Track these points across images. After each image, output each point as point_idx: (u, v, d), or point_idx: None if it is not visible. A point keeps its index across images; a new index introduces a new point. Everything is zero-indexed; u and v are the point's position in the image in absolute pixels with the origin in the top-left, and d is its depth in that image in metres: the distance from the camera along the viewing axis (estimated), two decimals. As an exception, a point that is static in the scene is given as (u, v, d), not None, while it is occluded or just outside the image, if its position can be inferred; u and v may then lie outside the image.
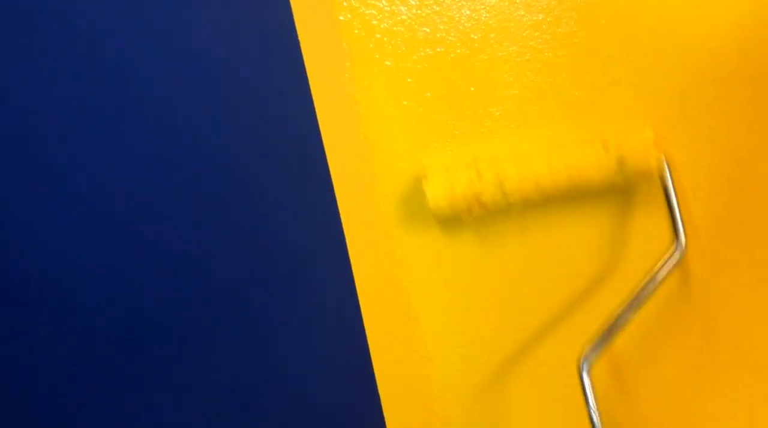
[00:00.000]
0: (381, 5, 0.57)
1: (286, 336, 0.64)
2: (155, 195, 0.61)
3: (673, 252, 0.52)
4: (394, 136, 0.59)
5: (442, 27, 0.56)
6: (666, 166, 0.52)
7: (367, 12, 0.57)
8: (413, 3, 0.56)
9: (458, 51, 0.56)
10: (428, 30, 0.56)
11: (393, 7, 0.56)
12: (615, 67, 0.54)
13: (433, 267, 0.61)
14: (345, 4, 0.57)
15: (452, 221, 0.59)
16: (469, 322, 0.61)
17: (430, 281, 0.61)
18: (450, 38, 0.56)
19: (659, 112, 0.54)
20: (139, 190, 0.61)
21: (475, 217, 0.58)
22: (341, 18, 0.57)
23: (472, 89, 0.57)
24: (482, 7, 0.55)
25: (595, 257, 0.57)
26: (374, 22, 0.57)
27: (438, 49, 0.56)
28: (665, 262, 0.52)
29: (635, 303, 0.51)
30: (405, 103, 0.58)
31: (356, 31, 0.57)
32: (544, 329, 0.60)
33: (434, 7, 0.56)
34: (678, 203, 0.52)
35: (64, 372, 0.65)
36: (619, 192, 0.55)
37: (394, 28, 0.57)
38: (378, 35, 0.57)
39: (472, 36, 0.56)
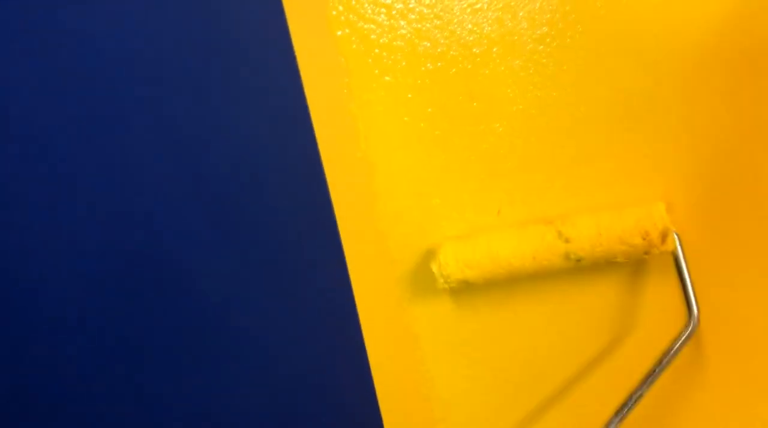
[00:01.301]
0: (380, 20, 0.55)
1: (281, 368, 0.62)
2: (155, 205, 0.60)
3: (686, 329, 0.51)
4: (394, 153, 0.57)
5: (443, 41, 0.55)
6: (677, 240, 0.50)
7: (365, 27, 0.55)
8: (413, 17, 0.55)
9: (460, 65, 0.55)
10: (429, 44, 0.55)
11: (392, 22, 0.55)
12: (621, 80, 0.52)
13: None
14: (342, 18, 0.55)
15: (462, 289, 0.58)
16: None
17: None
18: (451, 53, 0.55)
19: (667, 129, 0.52)
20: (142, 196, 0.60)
21: (484, 285, 0.56)
22: (339, 33, 0.55)
23: (475, 104, 0.55)
24: (484, 20, 0.54)
25: (607, 326, 0.56)
26: (373, 36, 0.55)
27: (439, 64, 0.55)
28: (678, 339, 0.50)
29: (649, 379, 0.50)
30: (405, 119, 0.56)
31: (354, 46, 0.56)
32: (554, 397, 0.58)
33: (435, 21, 0.54)
34: (690, 277, 0.50)
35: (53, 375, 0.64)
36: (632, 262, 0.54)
37: (394, 43, 0.55)
38: (377, 50, 0.55)
39: (474, 50, 0.54)
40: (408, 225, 0.59)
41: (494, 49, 0.54)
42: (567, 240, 0.52)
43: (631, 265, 0.54)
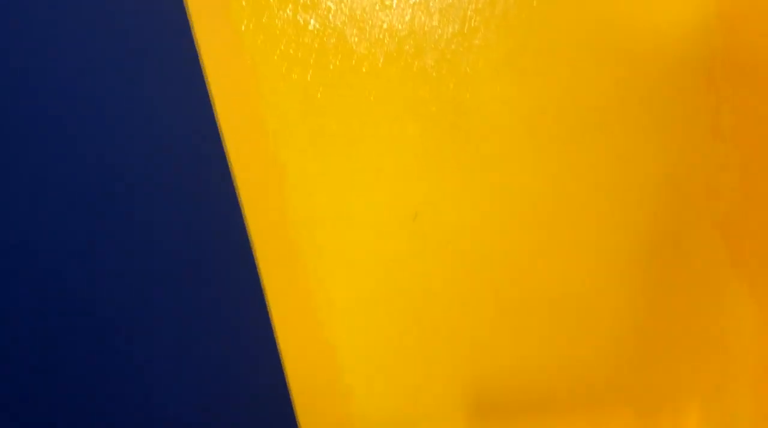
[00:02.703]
0: (286, 14, 0.52)
1: None
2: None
3: None
4: (305, 153, 0.55)
5: (353, 38, 0.52)
6: None
7: (271, 22, 0.52)
8: (321, 12, 0.52)
9: (371, 63, 0.52)
10: (338, 41, 0.52)
11: (299, 16, 0.52)
12: (536, 83, 0.51)
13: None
14: (247, 12, 0.52)
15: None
16: None
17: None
18: (362, 50, 0.52)
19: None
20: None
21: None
22: (243, 28, 0.52)
23: (388, 104, 0.53)
24: (396, 17, 0.51)
25: None
26: (279, 32, 0.52)
27: (350, 62, 0.52)
28: None
29: None
30: (315, 118, 0.54)
31: (260, 42, 0.52)
32: None
33: (343, 16, 0.52)
34: None
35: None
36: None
37: (301, 39, 0.52)
38: (283, 47, 0.52)
39: (386, 47, 0.52)
40: (321, 229, 0.57)
41: (406, 47, 0.52)
42: None
43: None
